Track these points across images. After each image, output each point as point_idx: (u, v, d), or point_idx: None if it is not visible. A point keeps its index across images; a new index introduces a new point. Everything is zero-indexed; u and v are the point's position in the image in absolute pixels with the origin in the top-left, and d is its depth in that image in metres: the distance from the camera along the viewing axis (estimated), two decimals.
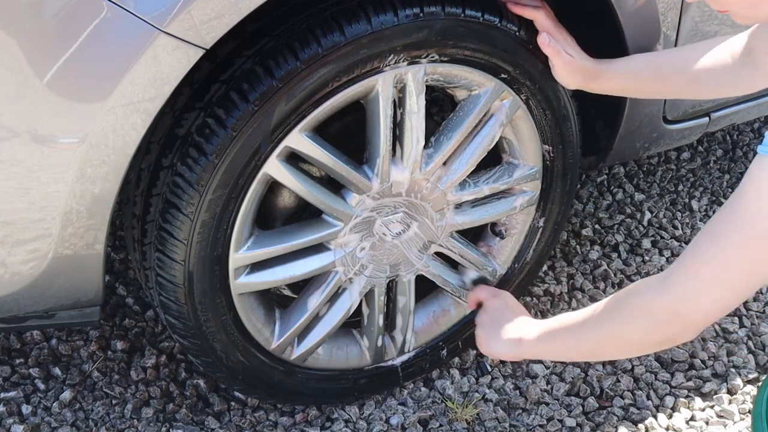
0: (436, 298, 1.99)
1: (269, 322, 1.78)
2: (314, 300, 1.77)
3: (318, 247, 1.72)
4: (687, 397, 2.06)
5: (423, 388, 2.02)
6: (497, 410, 1.98)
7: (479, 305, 1.80)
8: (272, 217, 1.78)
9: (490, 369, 2.07)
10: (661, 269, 2.36)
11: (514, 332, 1.62)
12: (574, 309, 2.23)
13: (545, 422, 1.97)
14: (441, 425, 1.95)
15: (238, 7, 1.38)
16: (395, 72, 1.58)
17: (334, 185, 1.68)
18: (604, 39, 1.76)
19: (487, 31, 1.63)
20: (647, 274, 2.34)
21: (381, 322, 1.87)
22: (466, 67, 1.65)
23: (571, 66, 1.68)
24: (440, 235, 1.83)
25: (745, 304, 2.28)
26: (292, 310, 1.79)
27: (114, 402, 1.94)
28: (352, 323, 1.89)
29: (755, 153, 1.23)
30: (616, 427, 1.98)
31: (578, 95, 1.81)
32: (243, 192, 1.57)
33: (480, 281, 1.94)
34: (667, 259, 2.40)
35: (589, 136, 1.97)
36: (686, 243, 2.46)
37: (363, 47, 1.52)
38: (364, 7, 1.52)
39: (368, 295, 1.84)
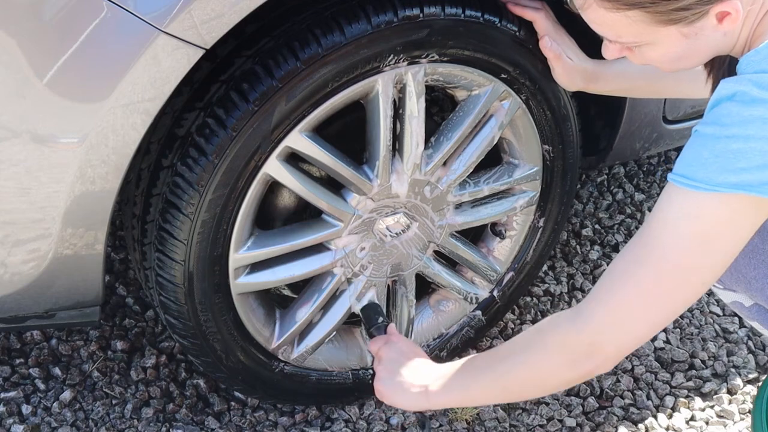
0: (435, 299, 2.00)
1: (269, 323, 1.78)
2: (314, 301, 1.77)
3: (318, 248, 1.72)
4: (687, 397, 2.06)
5: None
6: (497, 410, 1.98)
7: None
8: (272, 217, 1.78)
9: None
10: None
11: (417, 381, 1.47)
12: None
13: (545, 422, 1.97)
14: (441, 425, 1.94)
15: (238, 7, 1.38)
16: (395, 72, 1.58)
17: (334, 185, 1.68)
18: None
19: (487, 32, 1.63)
20: None
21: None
22: (466, 67, 1.65)
23: (571, 69, 1.68)
24: (440, 235, 1.83)
25: None
26: (293, 310, 1.79)
27: (114, 402, 1.94)
28: (353, 323, 1.89)
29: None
30: (616, 427, 1.98)
31: (578, 95, 1.81)
32: (243, 192, 1.57)
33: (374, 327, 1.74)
34: None
35: (589, 136, 1.97)
36: None
37: (363, 47, 1.52)
38: (364, 7, 1.52)
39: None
